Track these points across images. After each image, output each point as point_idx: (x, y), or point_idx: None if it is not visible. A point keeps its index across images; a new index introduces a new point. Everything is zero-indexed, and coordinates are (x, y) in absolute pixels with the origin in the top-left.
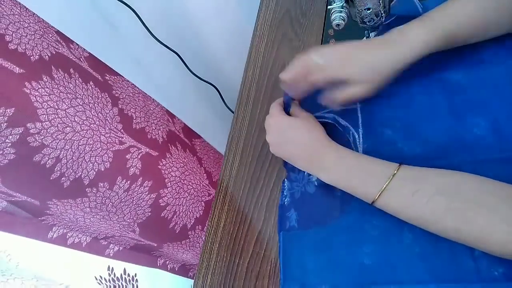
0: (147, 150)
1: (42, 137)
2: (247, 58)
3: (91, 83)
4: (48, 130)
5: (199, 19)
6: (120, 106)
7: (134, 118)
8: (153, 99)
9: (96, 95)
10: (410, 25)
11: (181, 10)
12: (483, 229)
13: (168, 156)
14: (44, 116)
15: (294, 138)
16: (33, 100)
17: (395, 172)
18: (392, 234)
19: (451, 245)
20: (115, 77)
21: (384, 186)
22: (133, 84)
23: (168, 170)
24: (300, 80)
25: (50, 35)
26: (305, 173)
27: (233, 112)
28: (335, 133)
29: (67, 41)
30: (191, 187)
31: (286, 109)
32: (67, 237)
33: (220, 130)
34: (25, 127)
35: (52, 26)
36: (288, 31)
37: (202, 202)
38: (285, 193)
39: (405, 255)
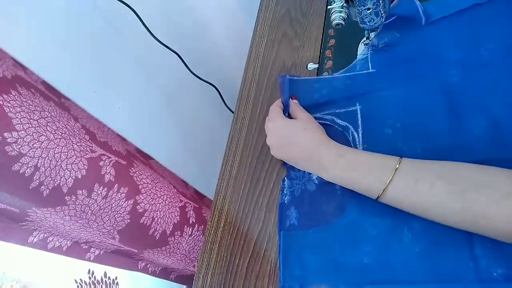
0: (116, 158)
1: (20, 146)
2: (247, 58)
3: (51, 102)
4: (25, 139)
5: (199, 19)
6: (81, 123)
7: (96, 133)
8: (105, 124)
9: (58, 112)
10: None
11: (181, 10)
12: (486, 208)
13: (135, 165)
14: (19, 125)
15: (294, 140)
16: (7, 111)
17: (397, 165)
18: (392, 233)
19: (450, 245)
20: (69, 101)
21: (388, 180)
22: (85, 109)
23: (139, 177)
24: None
25: (7, 60)
26: (305, 171)
27: (233, 112)
28: (334, 134)
29: (23, 67)
30: (163, 193)
31: (286, 110)
32: (48, 241)
33: (220, 130)
34: (3, 137)
35: (7, 53)
36: (288, 31)
37: (177, 208)
38: (285, 192)
39: (404, 254)
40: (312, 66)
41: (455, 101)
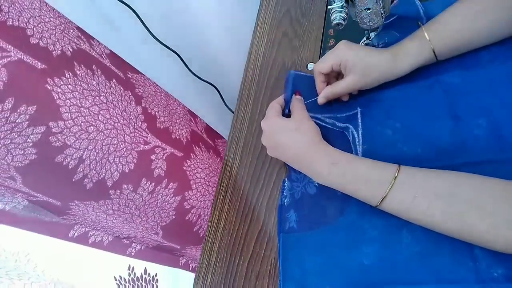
0: (172, 150)
1: (65, 136)
2: (247, 58)
3: (113, 80)
4: (71, 130)
5: (199, 19)
6: (143, 105)
7: (158, 117)
8: (175, 99)
9: (119, 93)
10: (403, 43)
11: (181, 10)
12: (486, 233)
13: (192, 157)
14: (67, 114)
15: (287, 142)
16: (55, 98)
17: (394, 179)
18: (392, 234)
19: (450, 246)
20: (137, 75)
21: (384, 194)
22: (154, 82)
23: (193, 171)
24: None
25: (71, 31)
26: None
27: (233, 112)
28: (334, 133)
29: (88, 37)
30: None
31: (287, 107)
32: (89, 235)
33: (220, 130)
34: (47, 126)
35: (73, 22)
36: (288, 31)
37: None
38: (285, 193)
39: (404, 255)
40: (312, 66)
41: (455, 102)
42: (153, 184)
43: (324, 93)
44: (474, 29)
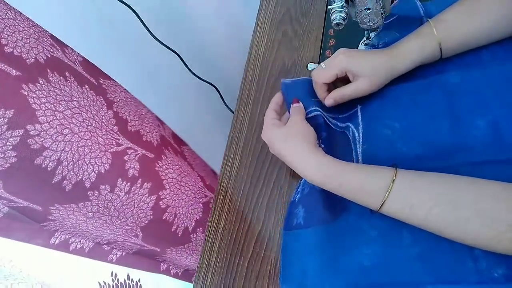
0: (143, 152)
1: (42, 139)
2: (247, 58)
3: (86, 86)
4: (48, 132)
5: (199, 19)
6: (114, 109)
7: (129, 121)
8: (144, 105)
9: (91, 98)
10: (407, 39)
11: (181, 10)
12: (490, 239)
13: (163, 158)
14: (42, 117)
15: (281, 151)
16: (31, 102)
17: (390, 188)
18: (392, 235)
19: (451, 246)
20: (109, 81)
21: (381, 203)
22: (125, 89)
23: (165, 171)
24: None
25: (45, 39)
26: None
27: (233, 112)
28: (334, 133)
29: (62, 45)
30: (188, 189)
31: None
32: (70, 242)
33: (220, 130)
34: (25, 129)
35: (46, 30)
36: (288, 31)
37: (200, 204)
38: (298, 189)
39: (404, 256)
40: (312, 66)
41: (455, 101)
42: (128, 184)
43: (334, 94)
44: (480, 26)
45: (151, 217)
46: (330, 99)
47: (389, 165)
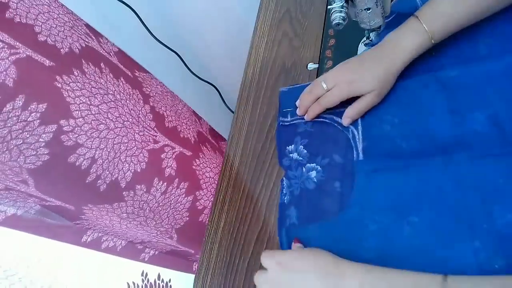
0: (181, 149)
1: (76, 135)
2: (247, 58)
3: (121, 79)
4: (82, 128)
5: (199, 19)
6: (151, 104)
7: (166, 116)
8: (180, 99)
9: (127, 92)
10: (401, 31)
11: (181, 10)
12: None
13: (201, 156)
14: (77, 112)
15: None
16: (65, 95)
17: None
18: (392, 228)
19: (451, 238)
20: (144, 74)
21: None
22: (161, 82)
23: (202, 170)
24: (315, 107)
25: (80, 28)
26: (304, 170)
27: (233, 112)
28: (334, 133)
29: (97, 34)
30: None
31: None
32: (102, 241)
33: (220, 130)
34: (59, 125)
35: (82, 19)
36: (288, 31)
37: None
38: (284, 191)
39: (404, 249)
40: (312, 66)
41: (454, 96)
42: (165, 184)
43: (350, 114)
44: (470, 11)
45: (187, 218)
46: (347, 119)
47: (389, 160)
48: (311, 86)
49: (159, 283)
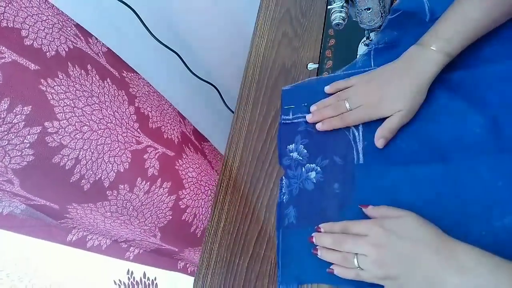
0: (164, 150)
1: (61, 136)
2: (247, 58)
3: (108, 80)
4: (66, 129)
5: (199, 19)
6: (136, 105)
7: (150, 117)
8: (166, 99)
9: (112, 93)
10: (423, 48)
11: (181, 10)
12: None
13: (184, 156)
14: (61, 114)
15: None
16: (49, 98)
17: None
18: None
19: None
20: (132, 74)
21: None
22: (148, 82)
23: (185, 170)
24: (336, 122)
25: (69, 29)
26: (303, 169)
27: (233, 112)
28: (335, 133)
29: (86, 35)
30: (208, 188)
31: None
32: (87, 239)
33: (220, 130)
34: (43, 126)
35: (72, 19)
36: (288, 31)
37: None
38: (283, 191)
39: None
40: (312, 66)
41: (454, 99)
42: (148, 183)
43: (383, 134)
44: (483, 26)
45: (170, 217)
46: (381, 139)
47: (389, 162)
48: (333, 100)
49: (144, 281)
